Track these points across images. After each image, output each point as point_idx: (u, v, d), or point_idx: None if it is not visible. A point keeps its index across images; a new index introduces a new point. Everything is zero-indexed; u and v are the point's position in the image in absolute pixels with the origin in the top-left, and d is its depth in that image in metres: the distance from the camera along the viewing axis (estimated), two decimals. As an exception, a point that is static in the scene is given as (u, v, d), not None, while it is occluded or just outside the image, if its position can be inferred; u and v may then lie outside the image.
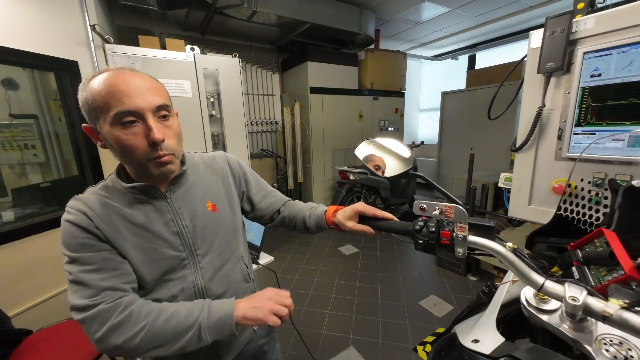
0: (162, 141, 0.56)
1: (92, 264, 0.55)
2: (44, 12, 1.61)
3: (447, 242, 0.51)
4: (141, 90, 0.55)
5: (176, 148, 0.61)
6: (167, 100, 0.60)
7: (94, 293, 0.54)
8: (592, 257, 0.49)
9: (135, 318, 0.54)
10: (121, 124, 0.54)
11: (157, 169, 0.59)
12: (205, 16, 2.97)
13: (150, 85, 0.57)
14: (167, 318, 0.56)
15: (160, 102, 0.57)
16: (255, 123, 4.19)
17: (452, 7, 3.63)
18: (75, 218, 0.57)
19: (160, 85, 0.61)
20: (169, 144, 0.59)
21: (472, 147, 4.30)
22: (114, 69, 0.56)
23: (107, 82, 0.53)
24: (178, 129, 0.62)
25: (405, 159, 0.76)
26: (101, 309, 0.53)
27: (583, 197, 0.82)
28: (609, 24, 0.76)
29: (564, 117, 0.87)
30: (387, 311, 2.15)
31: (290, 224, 0.85)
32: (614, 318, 0.35)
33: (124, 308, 0.54)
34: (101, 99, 0.53)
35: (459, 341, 0.51)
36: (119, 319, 0.53)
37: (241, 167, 0.83)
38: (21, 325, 1.29)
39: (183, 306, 0.59)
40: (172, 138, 0.60)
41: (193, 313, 0.57)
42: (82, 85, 0.56)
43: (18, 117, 1.81)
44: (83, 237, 0.56)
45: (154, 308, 0.57)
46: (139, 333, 0.53)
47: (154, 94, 0.57)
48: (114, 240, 0.59)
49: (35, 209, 1.76)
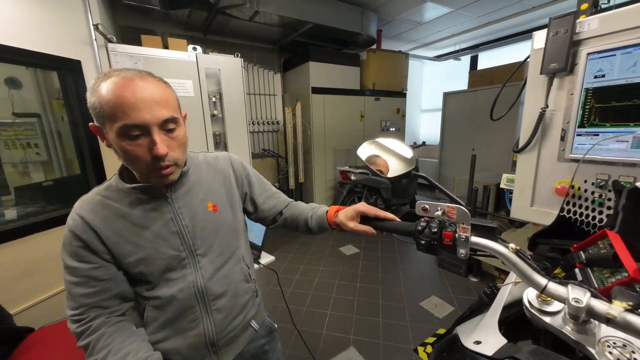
0: (165, 155, 0.57)
1: (77, 276, 0.59)
2: (48, 12, 1.62)
3: (450, 243, 0.51)
4: (149, 103, 0.53)
5: (179, 158, 0.62)
6: (174, 112, 0.59)
7: (76, 307, 0.60)
8: (595, 259, 0.49)
9: (91, 349, 0.58)
10: (127, 136, 0.54)
11: (158, 178, 0.60)
12: (208, 16, 2.97)
13: (160, 97, 0.56)
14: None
15: (167, 116, 0.56)
16: (256, 123, 4.19)
17: (454, 8, 3.62)
18: (73, 224, 0.60)
19: (169, 95, 0.59)
20: (173, 155, 0.59)
21: (474, 148, 4.28)
22: (124, 76, 0.53)
23: (116, 92, 0.52)
24: (183, 138, 0.62)
25: (408, 159, 0.76)
26: (74, 330, 0.59)
27: (586, 199, 0.82)
28: (613, 24, 0.76)
29: (567, 118, 0.87)
30: (387, 312, 2.14)
31: (292, 225, 0.85)
32: (618, 320, 0.35)
33: (89, 334, 0.59)
34: (109, 109, 0.52)
35: (460, 342, 0.51)
36: (83, 342, 0.59)
37: (244, 169, 0.83)
38: (23, 323, 1.30)
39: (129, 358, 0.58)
40: (177, 149, 0.60)
41: None
42: (90, 87, 0.54)
43: (21, 115, 1.82)
44: (76, 246, 0.59)
45: (107, 345, 0.58)
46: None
47: (161, 106, 0.55)
48: (114, 242, 0.60)
49: (37, 207, 1.76)
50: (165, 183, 0.63)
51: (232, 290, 0.73)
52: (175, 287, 0.65)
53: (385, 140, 0.85)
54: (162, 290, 0.65)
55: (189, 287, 0.66)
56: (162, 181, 0.62)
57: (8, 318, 1.32)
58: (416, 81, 6.27)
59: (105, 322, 0.61)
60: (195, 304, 0.68)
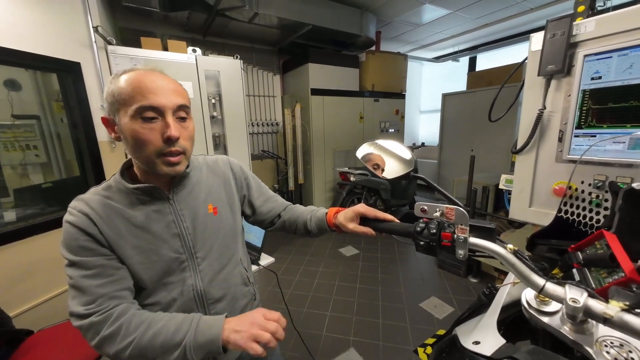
0: (177, 139, 0.58)
1: (90, 268, 0.57)
2: (48, 14, 1.62)
3: (448, 243, 0.51)
4: (166, 90, 0.58)
5: (188, 149, 0.63)
6: (188, 103, 0.63)
7: (91, 300, 0.55)
8: (592, 259, 0.49)
9: (124, 331, 0.54)
10: (142, 117, 0.56)
11: (166, 166, 0.59)
12: (207, 18, 2.98)
13: (176, 87, 0.61)
14: (155, 333, 0.55)
15: (182, 102, 0.60)
16: (256, 124, 4.19)
17: (452, 10, 3.64)
18: (76, 220, 0.57)
19: (183, 90, 0.64)
20: (183, 143, 0.60)
21: (473, 148, 4.29)
22: (146, 69, 0.59)
23: (137, 78, 0.57)
24: (193, 132, 0.64)
25: (406, 160, 0.76)
26: (92, 321, 0.54)
27: (584, 200, 0.82)
28: (610, 27, 0.77)
29: (565, 119, 0.87)
30: (387, 313, 2.14)
31: (291, 227, 0.85)
32: (615, 320, 0.35)
33: (114, 319, 0.55)
34: (127, 93, 0.55)
35: (459, 343, 0.51)
36: (109, 330, 0.54)
37: (243, 172, 0.83)
38: (22, 326, 1.29)
39: (173, 320, 0.57)
40: (187, 139, 0.62)
41: (181, 329, 0.55)
42: (111, 78, 0.59)
43: (20, 117, 1.82)
44: (83, 240, 0.57)
45: (144, 320, 0.56)
46: (128, 346, 0.53)
47: (177, 94, 0.60)
48: (114, 242, 0.59)
49: (36, 209, 1.76)
50: (171, 174, 0.61)
51: (231, 294, 0.73)
52: (174, 290, 0.65)
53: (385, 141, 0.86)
54: (161, 295, 0.64)
55: (188, 291, 0.66)
56: (168, 172, 0.60)
57: (7, 320, 1.32)
58: (415, 82, 6.29)
59: (129, 307, 0.58)
60: (195, 308, 0.67)
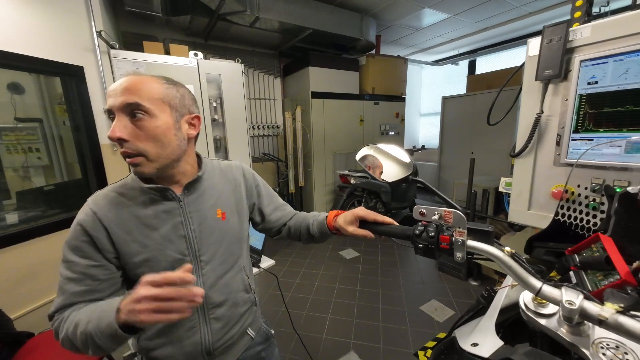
0: (118, 139, 0.55)
1: (75, 272, 0.59)
2: (52, 19, 1.64)
3: (447, 246, 0.52)
4: (118, 90, 0.56)
5: (149, 151, 0.57)
6: (145, 101, 0.56)
7: (64, 304, 0.58)
8: (589, 262, 0.50)
9: (71, 333, 0.54)
10: (110, 119, 0.58)
11: (132, 167, 0.60)
12: (209, 22, 3.01)
13: (133, 85, 0.56)
14: (77, 324, 0.54)
15: (130, 101, 0.55)
16: (257, 127, 4.21)
17: (452, 14, 3.67)
18: (83, 218, 0.60)
19: (147, 85, 0.58)
20: (138, 145, 0.56)
21: (473, 151, 4.30)
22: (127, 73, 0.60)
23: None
24: (155, 131, 0.57)
25: (406, 164, 0.77)
26: (55, 325, 0.58)
27: (581, 203, 0.83)
28: (605, 32, 0.78)
29: (562, 123, 0.88)
30: (388, 316, 2.14)
31: (295, 234, 0.86)
32: (610, 322, 0.36)
33: (63, 321, 0.57)
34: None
35: (458, 345, 0.52)
36: (62, 335, 0.56)
37: (255, 179, 0.85)
38: (23, 328, 1.30)
39: (92, 311, 0.55)
40: (144, 140, 0.57)
41: (92, 318, 0.53)
42: None
43: (23, 120, 1.83)
44: (81, 241, 0.59)
45: (77, 315, 0.56)
46: (77, 342, 0.54)
47: (129, 93, 0.55)
48: (121, 241, 0.61)
49: (38, 212, 1.77)
50: (139, 175, 0.63)
51: (232, 299, 0.73)
52: None
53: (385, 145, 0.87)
54: None
55: None
56: (135, 172, 0.63)
57: (8, 322, 1.32)
58: (415, 85, 6.31)
59: (79, 307, 0.59)
60: (194, 312, 0.68)
